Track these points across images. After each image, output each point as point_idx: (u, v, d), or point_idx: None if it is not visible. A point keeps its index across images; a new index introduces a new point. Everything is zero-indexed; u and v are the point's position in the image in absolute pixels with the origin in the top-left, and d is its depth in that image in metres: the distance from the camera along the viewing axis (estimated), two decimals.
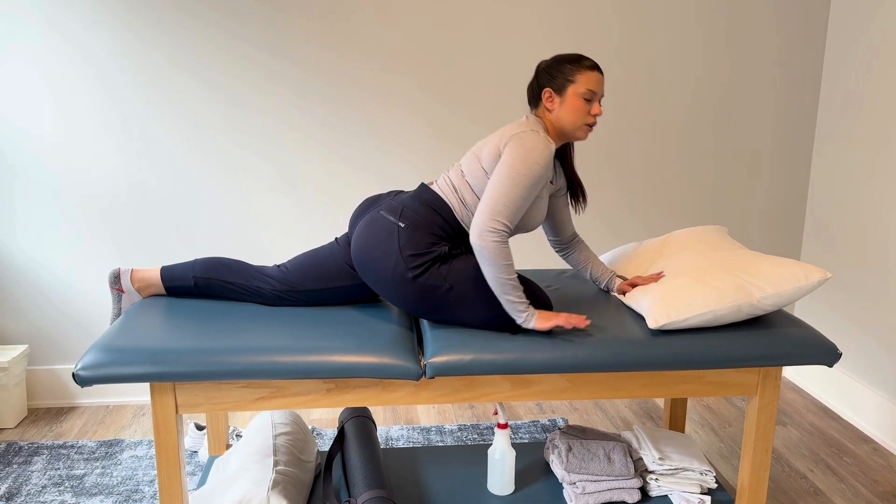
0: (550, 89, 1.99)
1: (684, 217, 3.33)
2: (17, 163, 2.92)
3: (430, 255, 1.92)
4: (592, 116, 1.99)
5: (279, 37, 2.95)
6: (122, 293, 2.10)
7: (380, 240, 1.94)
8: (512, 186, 1.86)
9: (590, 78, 1.97)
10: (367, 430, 2.29)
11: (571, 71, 1.97)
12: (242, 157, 3.03)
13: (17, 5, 2.81)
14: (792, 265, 1.95)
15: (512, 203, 1.86)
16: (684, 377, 1.95)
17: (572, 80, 1.97)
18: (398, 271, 1.91)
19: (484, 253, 1.85)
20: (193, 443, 2.74)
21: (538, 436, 2.88)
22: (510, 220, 1.87)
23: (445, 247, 1.95)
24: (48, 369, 3.09)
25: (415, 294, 1.93)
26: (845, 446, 2.86)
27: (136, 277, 2.10)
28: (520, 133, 1.92)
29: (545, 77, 2.00)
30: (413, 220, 1.95)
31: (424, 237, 1.94)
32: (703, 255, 2.10)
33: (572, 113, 1.98)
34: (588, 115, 1.98)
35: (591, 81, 1.97)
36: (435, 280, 1.91)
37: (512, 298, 1.86)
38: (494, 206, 1.86)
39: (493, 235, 1.85)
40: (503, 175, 1.88)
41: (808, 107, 3.29)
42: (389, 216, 1.97)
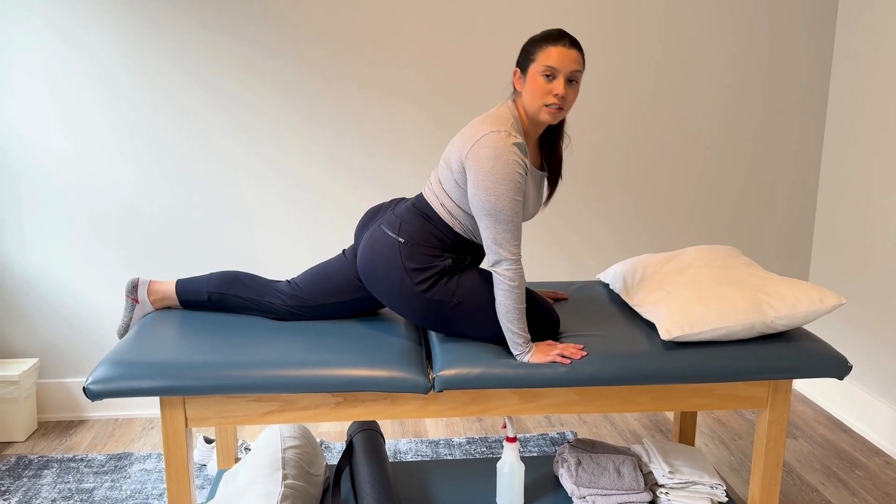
0: (518, 69, 1.90)
1: (693, 228, 3.33)
2: (26, 175, 2.95)
3: (434, 269, 1.92)
4: (553, 96, 1.83)
5: (295, 47, 2.97)
6: (136, 303, 2.11)
7: (382, 256, 1.94)
8: (500, 212, 1.81)
9: (550, 54, 1.82)
10: (375, 443, 2.29)
11: (533, 48, 1.85)
12: (252, 167, 3.04)
13: (25, 17, 2.84)
14: (807, 288, 1.96)
15: (509, 226, 1.83)
16: (694, 390, 1.95)
17: (533, 57, 1.85)
18: (405, 286, 1.92)
19: (504, 283, 1.84)
20: (202, 456, 2.74)
21: (547, 449, 2.87)
22: (517, 242, 1.85)
23: (448, 259, 1.94)
24: (58, 382, 3.10)
25: (423, 308, 1.93)
26: (857, 459, 2.83)
27: (152, 290, 2.11)
28: (477, 144, 1.82)
29: (519, 57, 1.91)
30: (411, 235, 1.94)
31: (425, 251, 1.93)
32: (719, 271, 2.10)
33: (532, 93, 1.85)
34: (548, 94, 1.83)
35: (552, 57, 1.82)
36: (443, 296, 1.91)
37: (515, 329, 1.86)
38: (496, 238, 1.83)
39: (507, 264, 1.84)
40: (483, 204, 1.82)
41: (816, 122, 3.29)
42: (389, 232, 1.96)
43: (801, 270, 3.42)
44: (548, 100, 1.85)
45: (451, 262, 1.94)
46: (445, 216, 1.96)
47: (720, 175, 3.29)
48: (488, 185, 1.80)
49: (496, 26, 3.05)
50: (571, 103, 1.89)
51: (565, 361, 1.85)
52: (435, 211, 1.97)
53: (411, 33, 3.01)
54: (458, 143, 1.90)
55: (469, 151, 1.84)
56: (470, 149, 1.84)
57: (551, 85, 1.84)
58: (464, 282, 1.93)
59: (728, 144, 3.27)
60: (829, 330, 3.28)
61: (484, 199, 1.82)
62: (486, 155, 1.81)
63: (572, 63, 1.83)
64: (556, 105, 1.85)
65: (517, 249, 1.85)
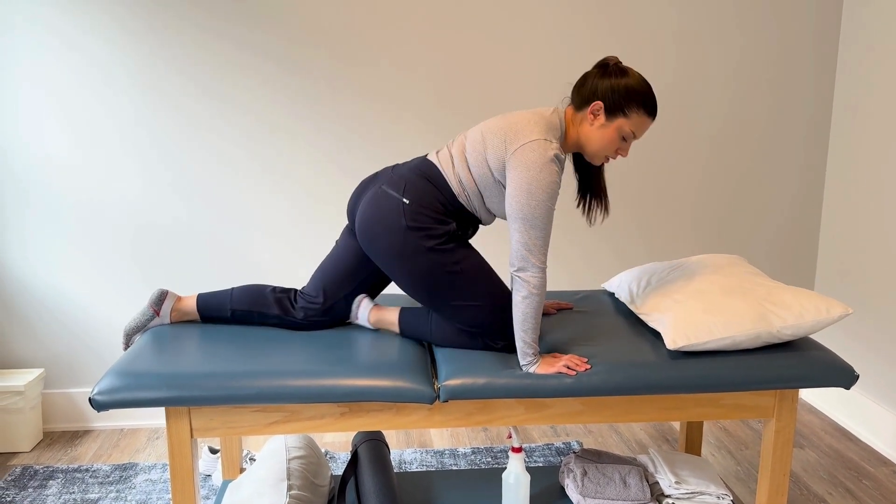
0: (603, 106, 1.89)
1: (696, 237, 3.32)
2: (31, 185, 2.96)
3: (439, 230, 1.92)
4: (617, 154, 1.96)
5: (302, 56, 2.98)
6: (156, 315, 2.09)
7: (385, 217, 1.93)
8: (536, 218, 1.84)
9: (644, 125, 1.91)
10: (380, 453, 2.29)
11: (633, 106, 1.88)
12: (258, 175, 3.05)
13: (30, 26, 2.86)
14: (814, 298, 1.96)
15: (542, 233, 1.85)
16: (700, 400, 1.94)
17: (627, 114, 1.89)
18: (409, 244, 1.91)
19: (525, 289, 1.85)
20: (207, 466, 2.74)
21: (553, 459, 2.86)
22: (545, 250, 1.87)
23: (453, 224, 1.95)
24: (64, 393, 3.10)
25: (423, 267, 1.91)
26: (864, 469, 2.82)
27: (175, 307, 2.10)
28: (527, 146, 1.85)
29: (607, 92, 1.88)
30: (416, 196, 1.93)
31: (429, 213, 1.93)
32: (725, 280, 2.09)
33: (603, 141, 1.92)
34: (616, 151, 1.94)
35: (643, 129, 1.92)
36: (448, 258, 1.91)
37: (528, 339, 1.87)
38: (527, 244, 1.84)
39: (534, 270, 1.85)
40: (522, 208, 1.84)
41: (820, 131, 3.29)
42: (392, 191, 1.94)
43: (806, 279, 3.41)
44: (612, 155, 1.96)
45: (456, 226, 1.96)
46: (454, 184, 1.96)
47: (723, 183, 3.29)
48: (532, 189, 1.83)
49: (500, 31, 3.06)
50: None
51: (570, 373, 1.85)
52: (444, 177, 1.96)
53: (415, 38, 3.02)
54: (505, 131, 1.90)
55: (517, 151, 1.86)
56: (518, 148, 1.86)
57: (624, 146, 1.94)
58: (471, 253, 1.96)
59: (731, 152, 3.27)
60: (836, 339, 3.27)
61: (524, 203, 1.83)
62: (535, 161, 1.83)
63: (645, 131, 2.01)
64: (613, 159, 1.98)
65: (545, 258, 1.87)
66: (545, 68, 3.10)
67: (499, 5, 3.03)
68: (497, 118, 1.97)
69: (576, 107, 1.96)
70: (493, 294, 1.95)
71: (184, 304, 2.11)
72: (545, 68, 3.10)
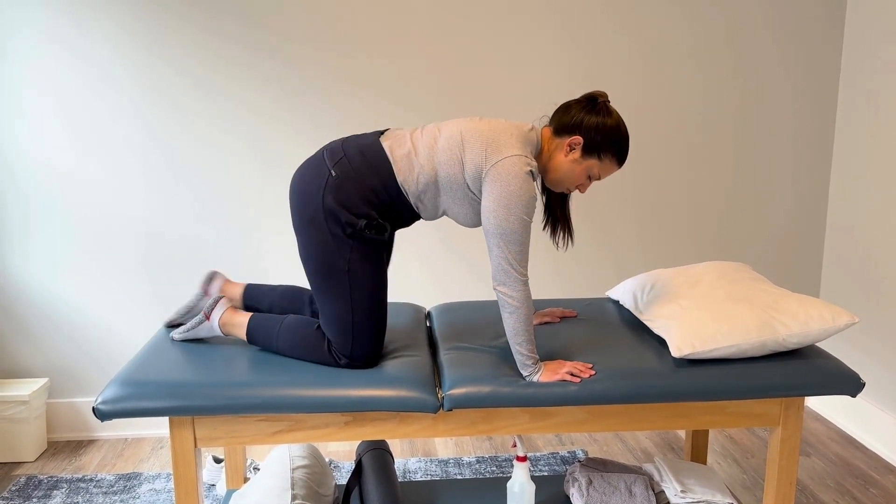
0: (582, 142, 1.90)
1: (700, 244, 3.32)
2: (35, 195, 2.97)
3: (352, 215, 1.86)
4: (580, 189, 2.00)
5: (308, 61, 2.99)
6: (206, 295, 2.12)
7: (310, 182, 1.90)
8: (514, 233, 1.82)
9: (611, 169, 1.96)
10: (384, 462, 2.28)
11: (608, 152, 1.92)
12: (263, 181, 3.06)
13: (36, 35, 2.87)
14: (820, 306, 1.95)
15: (521, 247, 1.84)
16: (706, 408, 1.93)
17: (601, 159, 1.92)
18: (317, 217, 1.86)
19: (510, 304, 1.84)
20: (211, 476, 2.74)
21: (557, 468, 2.85)
22: (525, 263, 1.86)
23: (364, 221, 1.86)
24: (68, 402, 3.10)
25: (321, 244, 1.87)
26: (871, 477, 2.80)
27: (224, 288, 2.13)
28: (507, 161, 1.83)
29: (591, 131, 1.90)
30: (346, 173, 1.87)
31: (353, 194, 1.87)
32: (731, 287, 2.09)
33: (571, 175, 1.95)
34: (579, 186, 1.99)
35: (607, 172, 1.96)
36: (346, 251, 1.86)
37: (523, 351, 1.86)
38: (507, 258, 1.83)
39: (516, 285, 1.84)
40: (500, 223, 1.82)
41: (824, 135, 3.28)
42: (327, 160, 1.90)
43: (811, 285, 3.40)
44: (574, 189, 2.02)
45: (366, 224, 1.86)
46: (404, 173, 1.88)
47: (726, 190, 3.29)
48: (510, 205, 1.81)
49: (502, 25, 3.06)
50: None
51: (575, 380, 1.84)
52: (391, 164, 1.88)
53: (419, 34, 3.03)
54: (487, 140, 1.87)
55: (497, 164, 1.84)
56: (499, 161, 1.84)
57: (587, 183, 2.00)
58: (367, 257, 1.88)
59: (733, 157, 3.27)
60: (842, 346, 3.26)
61: (503, 218, 1.82)
62: (515, 176, 1.82)
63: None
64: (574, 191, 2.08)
65: (525, 270, 1.86)
66: (546, 68, 3.10)
67: (500, 9, 3.04)
68: (476, 121, 1.93)
69: (554, 131, 1.95)
70: (363, 311, 1.89)
71: (231, 289, 2.14)
72: (546, 68, 3.10)
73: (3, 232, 2.98)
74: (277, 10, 2.94)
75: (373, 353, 1.91)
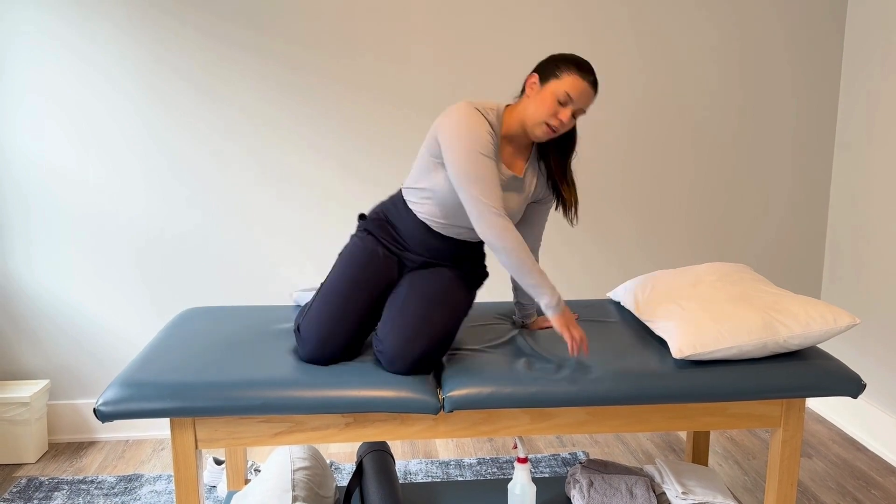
0: (538, 75, 1.94)
1: (700, 246, 3.32)
2: (35, 196, 2.97)
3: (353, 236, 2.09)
4: (557, 119, 1.90)
5: (312, 66, 2.99)
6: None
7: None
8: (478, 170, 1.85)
9: (576, 84, 1.88)
10: (385, 464, 2.28)
11: (563, 67, 1.90)
12: (266, 186, 3.06)
13: (37, 37, 2.88)
14: (821, 307, 1.94)
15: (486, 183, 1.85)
16: (707, 409, 1.93)
17: (558, 76, 1.90)
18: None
19: (502, 244, 1.85)
20: (212, 477, 2.74)
21: (559, 470, 2.85)
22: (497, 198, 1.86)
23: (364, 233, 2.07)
24: (69, 404, 3.10)
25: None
26: (873, 479, 2.80)
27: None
28: (449, 110, 1.93)
29: (540, 65, 1.96)
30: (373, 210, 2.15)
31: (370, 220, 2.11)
32: (732, 288, 2.09)
33: (540, 106, 1.91)
34: (553, 115, 1.90)
35: (576, 88, 1.88)
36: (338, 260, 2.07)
37: (533, 282, 1.88)
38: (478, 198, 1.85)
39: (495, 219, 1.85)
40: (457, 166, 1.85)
41: (825, 136, 3.28)
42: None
43: (812, 286, 3.40)
44: (552, 121, 1.91)
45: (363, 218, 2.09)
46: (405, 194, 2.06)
47: (727, 190, 3.29)
48: (459, 137, 1.87)
49: (505, 30, 3.06)
50: (564, 133, 1.98)
51: (573, 346, 1.88)
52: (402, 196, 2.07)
53: (421, 37, 3.03)
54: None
55: (441, 116, 1.94)
56: (442, 115, 1.95)
57: (562, 110, 1.91)
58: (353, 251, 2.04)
59: (735, 159, 3.27)
60: (843, 347, 3.26)
61: (459, 158, 1.86)
62: (456, 110, 1.91)
63: (587, 101, 1.92)
64: (555, 129, 1.93)
65: (498, 204, 1.85)
66: None
67: (504, 9, 3.04)
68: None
69: (518, 96, 2.03)
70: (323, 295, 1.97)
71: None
72: None
73: (5, 233, 2.99)
74: (279, 16, 2.94)
75: (316, 344, 1.90)
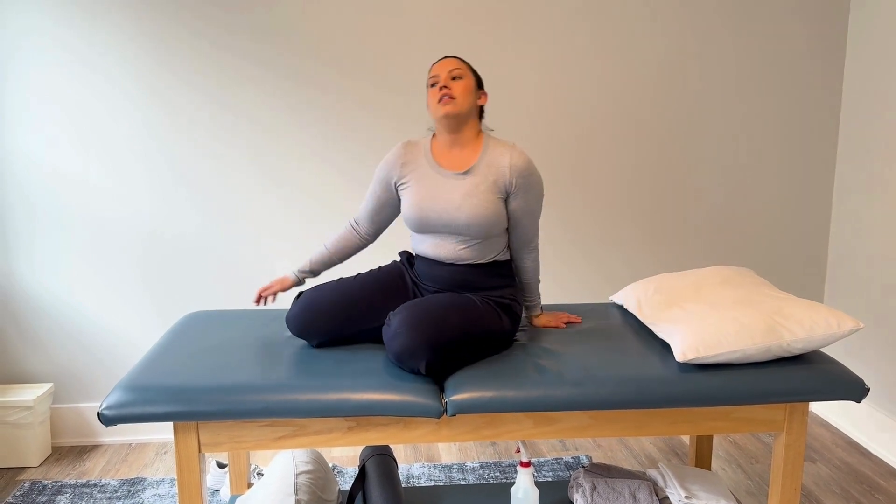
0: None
1: (704, 249, 3.31)
2: (39, 200, 2.98)
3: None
4: (439, 90, 2.04)
5: (314, 72, 3.00)
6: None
7: None
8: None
9: (431, 70, 2.09)
10: (388, 468, 2.28)
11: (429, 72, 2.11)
12: (269, 191, 3.06)
13: (40, 40, 2.89)
14: (824, 311, 1.95)
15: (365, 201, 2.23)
16: (710, 413, 1.93)
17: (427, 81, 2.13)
18: None
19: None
20: (215, 481, 2.74)
21: (562, 474, 2.85)
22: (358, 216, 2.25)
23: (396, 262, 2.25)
24: (73, 407, 3.11)
25: None
26: (877, 483, 2.79)
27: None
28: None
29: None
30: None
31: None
32: (735, 291, 2.09)
33: (430, 101, 2.08)
34: (436, 93, 2.05)
35: (432, 70, 2.08)
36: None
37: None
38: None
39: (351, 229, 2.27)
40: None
41: (828, 140, 3.28)
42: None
43: (815, 289, 3.40)
44: (437, 96, 2.05)
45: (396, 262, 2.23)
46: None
47: (731, 196, 3.28)
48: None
49: (506, 42, 3.07)
50: (462, 93, 2.05)
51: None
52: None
53: (420, 55, 3.04)
54: None
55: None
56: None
57: (436, 87, 2.06)
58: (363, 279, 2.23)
59: (737, 163, 3.27)
60: (846, 352, 3.25)
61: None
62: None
63: (449, 65, 2.07)
64: (444, 96, 2.03)
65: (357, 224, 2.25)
66: (557, 84, 3.11)
67: (505, 19, 3.05)
68: None
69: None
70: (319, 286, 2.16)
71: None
72: (557, 84, 3.11)
73: (9, 238, 2.99)
74: (283, 26, 2.95)
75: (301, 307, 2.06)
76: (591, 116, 3.15)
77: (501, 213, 2.05)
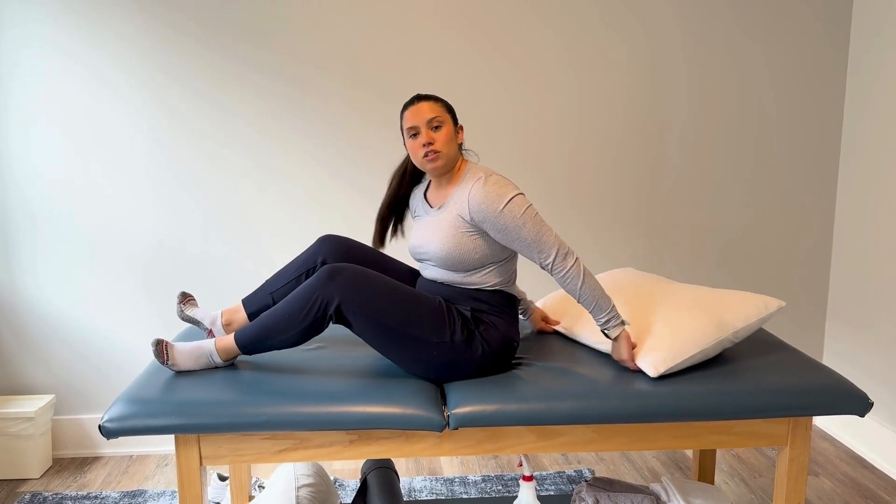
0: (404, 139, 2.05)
1: (702, 260, 3.31)
2: (41, 211, 2.99)
3: None
4: (423, 149, 1.98)
5: (316, 78, 3.01)
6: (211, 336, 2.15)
7: None
8: None
9: (406, 118, 2.00)
10: (389, 481, 2.27)
11: (400, 120, 2.03)
12: (270, 196, 3.07)
13: (46, 51, 2.90)
14: (752, 297, 2.12)
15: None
16: (713, 428, 1.92)
17: (401, 126, 2.03)
18: None
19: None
20: (216, 494, 2.73)
21: (564, 487, 2.83)
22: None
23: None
24: (74, 419, 3.10)
25: None
26: (881, 497, 2.77)
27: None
28: None
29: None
30: None
31: None
32: (664, 296, 2.16)
33: (412, 155, 2.03)
34: (419, 148, 1.99)
35: (408, 120, 1.99)
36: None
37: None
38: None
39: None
40: None
41: (831, 144, 3.28)
42: None
43: (818, 300, 3.39)
44: (421, 153, 1.99)
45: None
46: None
47: (730, 202, 3.28)
48: None
49: (508, 49, 3.08)
50: (446, 143, 1.99)
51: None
52: None
53: (422, 62, 3.05)
54: None
55: None
56: None
57: (418, 140, 1.99)
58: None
59: (737, 168, 3.27)
60: (850, 366, 3.24)
61: None
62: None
63: (427, 113, 1.98)
64: (430, 153, 1.98)
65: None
66: (559, 94, 3.12)
67: (510, 26, 3.06)
68: None
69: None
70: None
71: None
72: (559, 94, 3.12)
73: (11, 248, 3.00)
74: (284, 32, 2.96)
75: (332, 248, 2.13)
76: (586, 123, 3.15)
77: (469, 246, 1.97)
